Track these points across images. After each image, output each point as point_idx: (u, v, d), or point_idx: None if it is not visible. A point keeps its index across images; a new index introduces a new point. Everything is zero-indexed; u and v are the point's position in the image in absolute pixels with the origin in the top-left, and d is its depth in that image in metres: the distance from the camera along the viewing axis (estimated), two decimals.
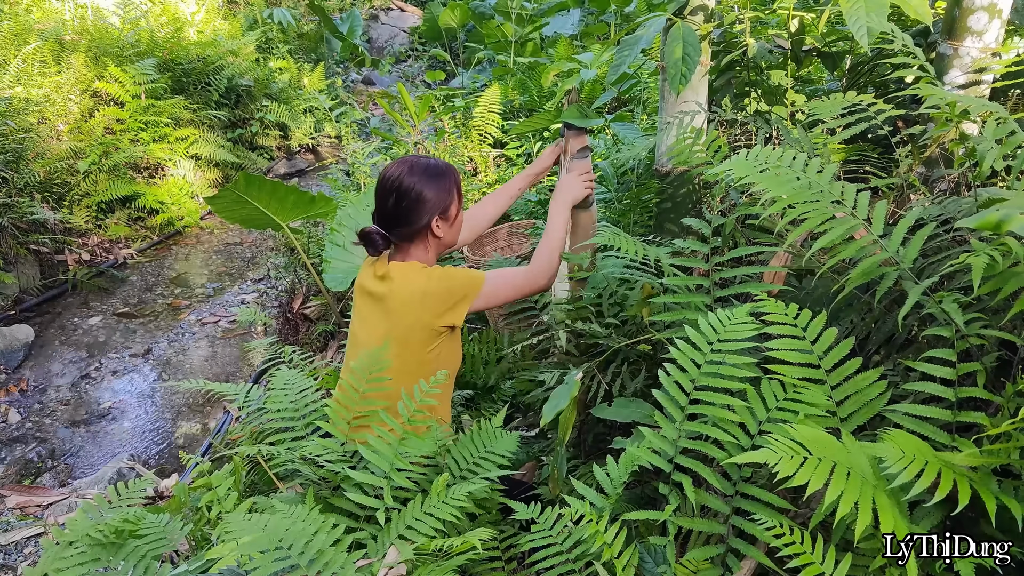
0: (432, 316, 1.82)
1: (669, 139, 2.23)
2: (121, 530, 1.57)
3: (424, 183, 1.85)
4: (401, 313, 1.83)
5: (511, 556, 1.62)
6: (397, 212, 1.85)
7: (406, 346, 1.83)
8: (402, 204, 1.84)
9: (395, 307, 1.83)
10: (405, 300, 1.83)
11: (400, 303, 1.83)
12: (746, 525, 1.28)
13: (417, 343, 1.84)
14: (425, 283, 1.82)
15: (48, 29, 6.20)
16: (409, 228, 1.87)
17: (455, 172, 1.95)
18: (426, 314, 1.82)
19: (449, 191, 1.90)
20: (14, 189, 4.93)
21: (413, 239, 1.89)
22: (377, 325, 1.87)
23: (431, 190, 1.85)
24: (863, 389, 1.30)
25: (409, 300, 1.82)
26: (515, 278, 1.94)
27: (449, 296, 1.83)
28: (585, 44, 6.59)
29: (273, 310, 4.79)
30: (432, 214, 1.86)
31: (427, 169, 1.87)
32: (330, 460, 1.61)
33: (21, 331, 4.43)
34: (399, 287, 1.84)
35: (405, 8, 12.46)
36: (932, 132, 1.88)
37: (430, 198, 1.85)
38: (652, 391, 1.45)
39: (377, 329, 1.86)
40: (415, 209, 1.85)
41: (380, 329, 1.85)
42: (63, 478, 3.41)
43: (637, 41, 2.05)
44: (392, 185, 1.86)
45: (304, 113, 8.08)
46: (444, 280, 1.83)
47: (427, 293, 1.81)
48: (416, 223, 1.86)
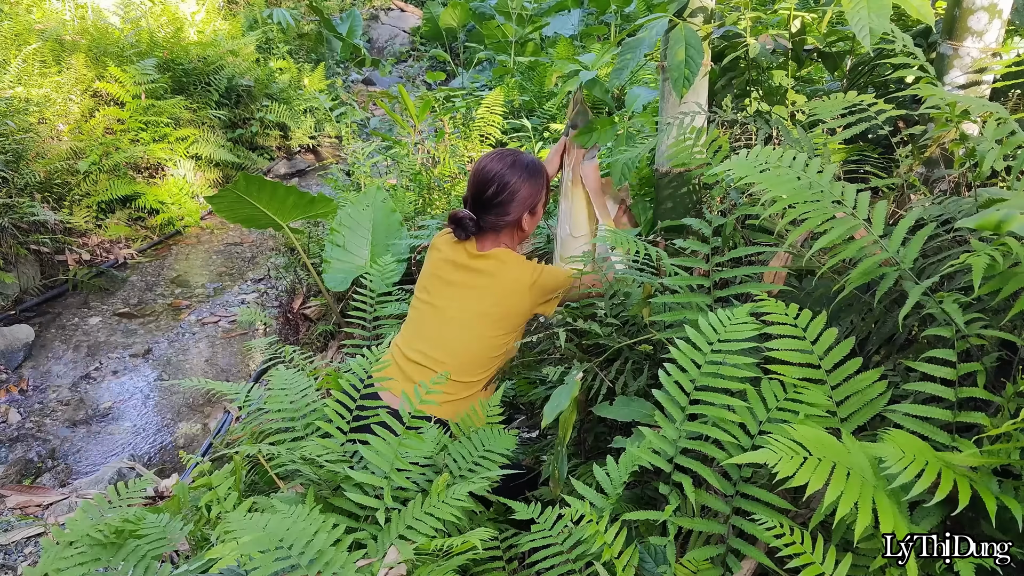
0: (532, 305, 1.98)
1: (669, 139, 2.23)
2: (121, 530, 1.57)
3: (523, 180, 1.98)
4: (509, 293, 1.96)
5: (511, 556, 1.62)
6: (494, 203, 1.98)
7: (504, 324, 1.97)
8: (500, 196, 1.97)
9: (504, 287, 1.96)
10: (513, 286, 1.96)
11: (511, 285, 1.96)
12: (746, 525, 1.28)
13: (514, 325, 1.99)
14: (532, 275, 1.97)
15: (48, 29, 6.20)
16: (501, 219, 1.99)
17: (547, 171, 2.09)
18: (528, 302, 1.97)
19: (541, 189, 2.04)
20: (14, 189, 4.93)
21: (501, 229, 2.02)
22: (479, 299, 1.97)
23: (528, 186, 1.99)
24: (863, 389, 1.30)
25: (517, 286, 1.96)
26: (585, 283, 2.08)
27: (551, 290, 2.00)
28: (585, 44, 6.59)
29: (273, 310, 4.78)
30: (525, 209, 2.01)
31: (527, 167, 2.01)
32: (330, 460, 1.61)
33: (21, 331, 4.43)
34: (509, 272, 1.97)
35: (405, 8, 12.46)
36: (932, 132, 1.88)
37: (527, 194, 1.99)
38: (652, 391, 1.45)
39: (478, 303, 1.97)
40: (511, 202, 1.98)
41: (482, 304, 1.97)
42: (63, 478, 3.41)
43: (640, 44, 2.04)
44: (494, 177, 1.98)
45: (304, 113, 8.08)
46: (549, 276, 1.99)
47: (535, 284, 1.96)
48: (510, 215, 1.99)
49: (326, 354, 3.82)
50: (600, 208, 2.30)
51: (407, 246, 3.53)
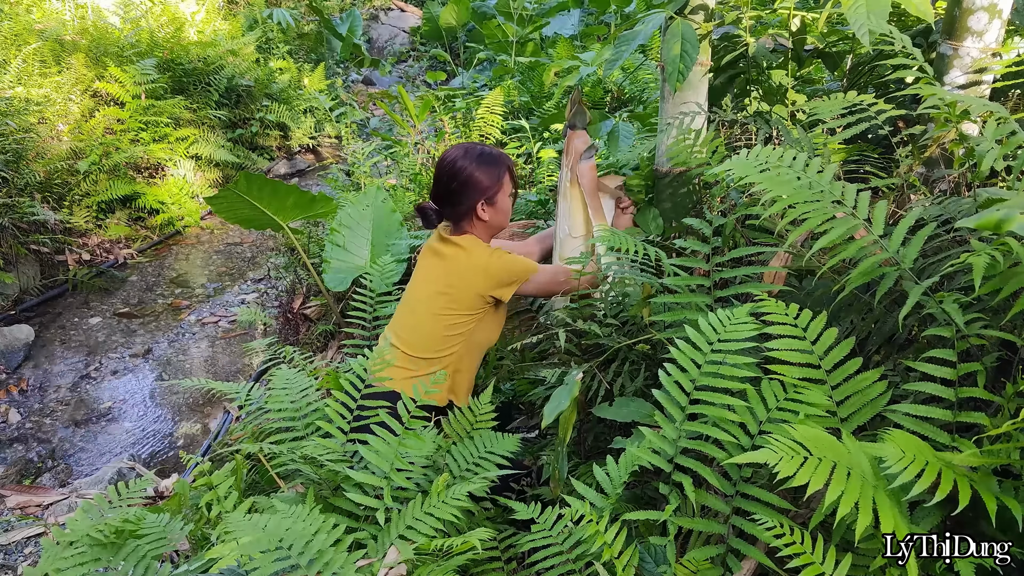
0: (485, 287, 2.01)
1: (669, 139, 2.23)
2: (121, 530, 1.57)
3: (475, 167, 2.01)
4: (460, 275, 2.02)
5: (511, 556, 1.62)
6: (449, 191, 2.02)
7: (454, 304, 2.02)
8: (452, 185, 2.02)
9: (456, 269, 2.02)
10: (468, 267, 2.01)
11: (463, 267, 2.02)
12: (746, 525, 1.28)
13: (465, 306, 2.02)
14: (488, 260, 2.02)
15: (48, 29, 6.19)
16: (455, 208, 2.04)
17: (509, 161, 2.10)
18: (481, 284, 2.00)
19: (499, 178, 2.05)
20: (14, 189, 4.93)
21: (461, 219, 2.07)
22: (435, 280, 2.05)
23: (481, 174, 2.01)
24: (863, 389, 1.30)
25: (471, 268, 2.01)
26: (557, 274, 2.12)
27: (506, 276, 2.02)
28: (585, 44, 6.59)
29: (273, 310, 4.78)
30: (480, 197, 2.02)
31: (480, 155, 2.03)
32: (330, 460, 1.61)
33: (21, 331, 4.43)
34: (466, 255, 2.02)
35: (405, 8, 12.45)
36: (932, 132, 1.88)
37: (478, 182, 2.01)
38: (652, 391, 1.45)
39: (434, 283, 2.05)
40: (462, 191, 2.01)
41: (437, 284, 2.04)
42: (63, 478, 3.41)
43: (635, 36, 2.06)
44: (446, 166, 2.03)
45: (304, 113, 8.08)
46: (505, 263, 2.03)
47: (488, 267, 2.01)
48: (462, 204, 2.03)
49: (326, 354, 3.82)
50: (595, 208, 2.30)
51: (407, 246, 3.53)
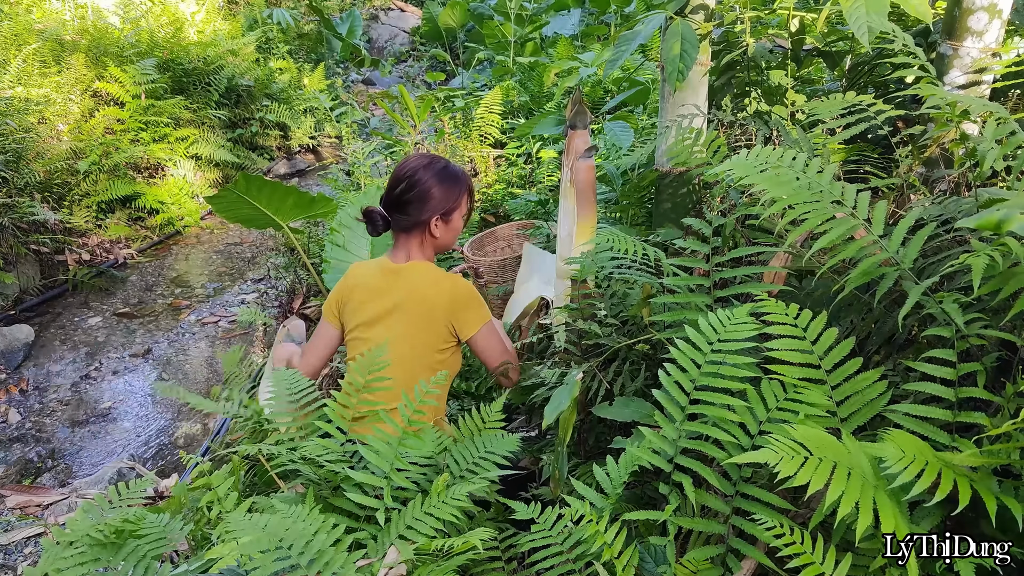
0: (448, 318, 1.91)
1: (669, 140, 2.23)
2: (121, 530, 1.57)
3: (435, 182, 1.93)
4: (419, 308, 1.90)
5: (511, 556, 1.62)
6: (402, 200, 1.94)
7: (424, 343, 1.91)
8: (408, 194, 1.93)
9: (412, 302, 1.90)
10: (425, 297, 1.91)
11: (420, 298, 1.91)
12: (746, 525, 1.28)
13: (435, 341, 1.92)
14: (452, 285, 1.92)
15: (48, 29, 6.19)
16: (409, 219, 1.95)
17: (469, 182, 2.03)
18: (446, 316, 1.91)
19: (457, 196, 1.97)
20: (14, 189, 4.93)
21: (411, 231, 1.96)
22: (396, 321, 1.92)
23: (439, 190, 1.93)
24: (863, 389, 1.30)
25: (429, 296, 1.90)
26: (504, 348, 2.00)
27: (472, 305, 1.94)
28: (585, 44, 6.59)
29: (273, 310, 4.78)
30: (434, 213, 1.94)
31: (442, 170, 1.96)
32: (330, 460, 1.61)
33: (21, 331, 4.43)
34: (417, 283, 1.92)
35: (405, 8, 12.46)
36: (932, 132, 1.88)
37: (436, 196, 1.93)
38: (652, 391, 1.45)
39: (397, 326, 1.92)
40: (419, 202, 1.92)
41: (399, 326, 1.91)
42: (63, 478, 3.41)
43: (635, 36, 2.06)
44: (405, 174, 1.94)
45: (304, 113, 8.08)
46: (469, 294, 1.94)
47: (452, 298, 1.91)
48: (417, 216, 1.94)
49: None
50: (585, 209, 2.27)
51: None
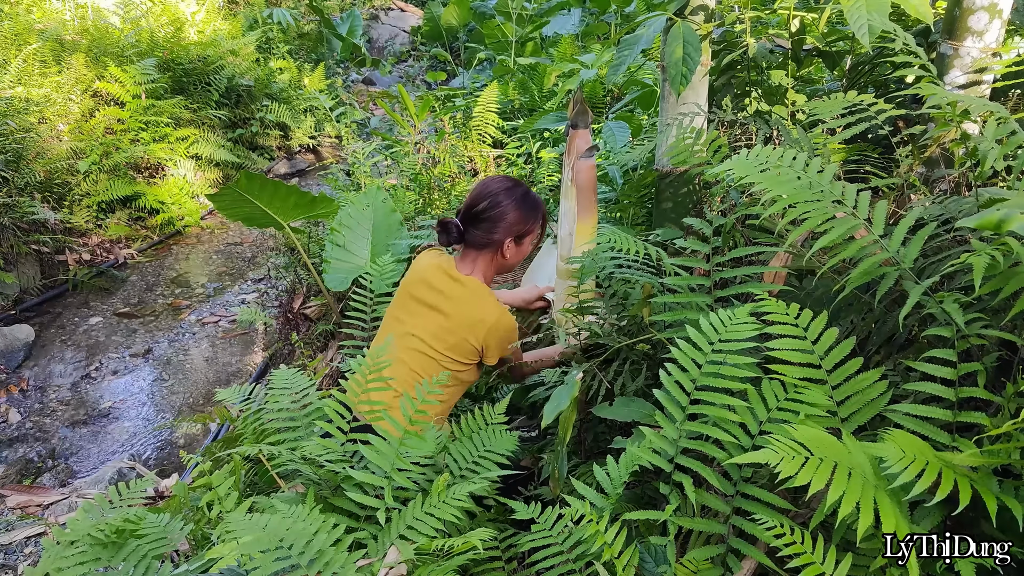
0: (480, 344, 1.99)
1: (669, 139, 2.23)
2: (122, 530, 1.57)
3: (515, 206, 2.03)
4: (460, 323, 1.99)
5: (511, 556, 1.62)
6: (481, 218, 2.03)
7: (449, 351, 2.00)
8: (489, 213, 2.02)
9: (458, 315, 2.00)
10: (470, 318, 1.99)
11: (465, 316, 1.99)
12: (746, 525, 1.27)
13: (459, 355, 2.01)
14: (496, 320, 2.00)
15: (48, 29, 6.20)
16: (484, 236, 2.03)
17: (545, 211, 2.14)
18: (479, 341, 1.99)
19: (534, 223, 2.09)
20: (15, 189, 4.93)
21: (483, 248, 2.06)
22: (434, 321, 2.02)
23: (517, 215, 2.03)
24: (864, 389, 1.30)
25: (474, 320, 1.99)
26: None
27: (505, 341, 2.02)
28: (586, 44, 6.59)
29: (273, 310, 4.78)
30: (510, 234, 2.04)
31: (523, 196, 2.07)
32: (331, 460, 1.61)
33: (21, 331, 4.43)
34: (470, 302, 2.01)
35: (405, 8, 12.45)
36: (933, 132, 1.88)
37: (514, 220, 2.03)
38: (653, 391, 1.45)
39: (431, 324, 2.01)
40: (498, 221, 2.02)
41: (434, 326, 2.01)
42: (63, 478, 3.41)
43: (637, 41, 2.05)
44: (489, 192, 2.04)
45: (304, 113, 8.08)
46: (508, 330, 2.03)
47: (492, 329, 1.99)
48: (493, 234, 2.03)
49: (326, 354, 3.82)
50: (586, 209, 2.27)
51: (407, 246, 3.53)
